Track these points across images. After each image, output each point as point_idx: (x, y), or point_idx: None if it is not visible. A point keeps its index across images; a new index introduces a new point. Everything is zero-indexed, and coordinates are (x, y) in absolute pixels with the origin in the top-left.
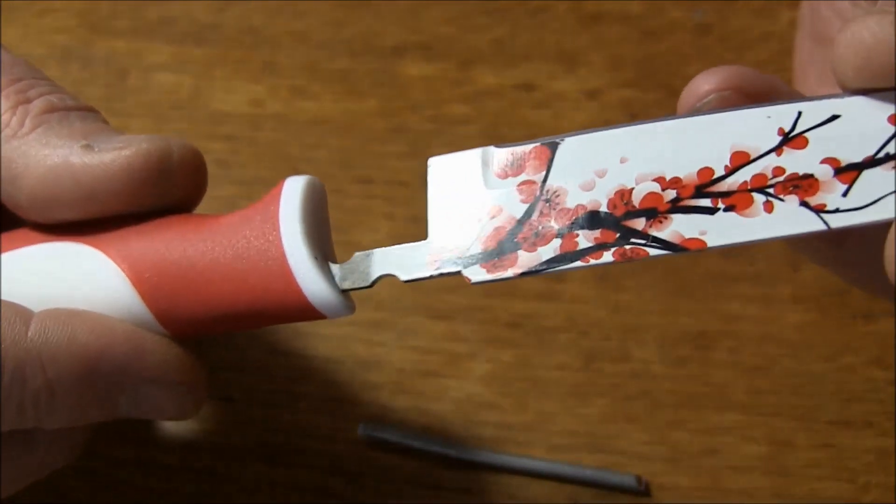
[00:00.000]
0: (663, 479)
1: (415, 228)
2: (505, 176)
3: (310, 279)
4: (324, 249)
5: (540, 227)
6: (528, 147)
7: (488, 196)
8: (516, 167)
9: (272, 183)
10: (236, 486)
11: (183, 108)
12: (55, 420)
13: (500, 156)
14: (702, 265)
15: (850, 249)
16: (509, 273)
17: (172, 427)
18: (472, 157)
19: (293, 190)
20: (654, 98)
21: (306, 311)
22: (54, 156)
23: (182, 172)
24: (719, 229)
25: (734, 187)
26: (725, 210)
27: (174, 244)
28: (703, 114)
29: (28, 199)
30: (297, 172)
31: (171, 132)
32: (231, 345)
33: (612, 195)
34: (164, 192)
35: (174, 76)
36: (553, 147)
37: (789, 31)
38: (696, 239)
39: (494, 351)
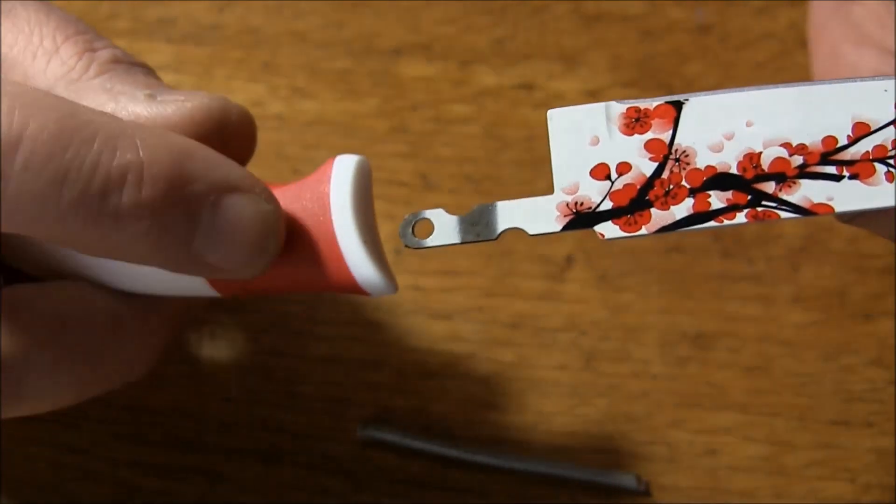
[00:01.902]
0: (663, 479)
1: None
2: (631, 133)
3: (358, 259)
4: (371, 229)
5: (671, 186)
6: (653, 104)
7: (615, 152)
8: (642, 124)
9: (272, 183)
10: (236, 486)
11: None
12: (135, 221)
13: (624, 111)
14: (702, 265)
15: None
16: (643, 230)
17: (172, 427)
18: (594, 111)
19: (344, 169)
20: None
21: (352, 288)
22: (117, 101)
23: (238, 132)
24: (845, 196)
25: (857, 157)
26: (850, 178)
27: None
28: (823, 83)
29: None
30: (297, 173)
31: None
32: (231, 345)
33: (741, 158)
34: (218, 150)
35: (174, 76)
36: (678, 106)
37: (789, 31)
38: (824, 204)
39: (494, 351)
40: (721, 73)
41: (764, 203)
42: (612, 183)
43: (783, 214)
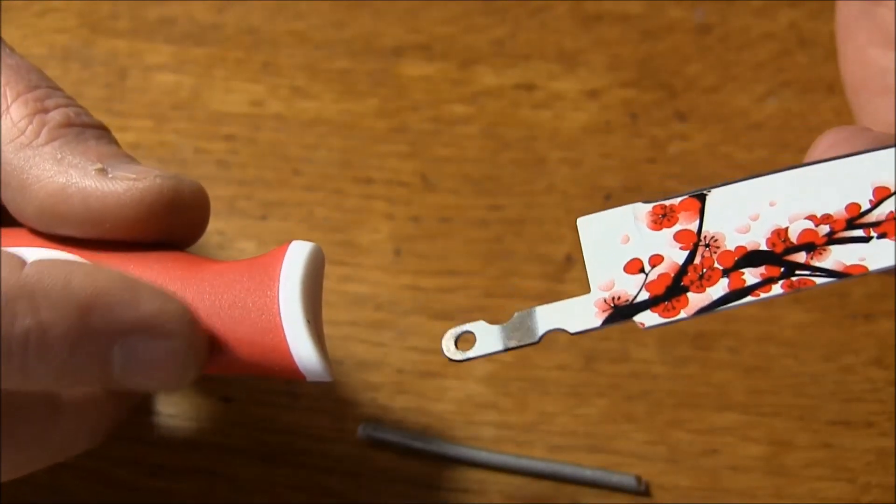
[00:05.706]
0: (663, 479)
1: (415, 228)
2: (659, 227)
3: (300, 342)
4: (316, 316)
5: (704, 270)
6: (677, 200)
7: (646, 246)
8: (669, 218)
9: (272, 183)
10: (236, 486)
11: (183, 108)
12: (45, 372)
13: (651, 210)
14: None
15: None
16: (682, 314)
17: (172, 427)
18: (622, 213)
19: (297, 254)
20: (654, 98)
21: (289, 371)
22: (68, 174)
23: (189, 211)
24: (877, 254)
25: (882, 217)
26: (879, 237)
27: (173, 279)
28: (837, 159)
29: (35, 212)
30: (297, 173)
31: (171, 132)
32: None
33: (769, 235)
34: (169, 228)
35: (174, 76)
36: (701, 198)
37: (789, 32)
38: (858, 265)
39: None
40: (721, 73)
41: (797, 272)
42: (647, 275)
43: (818, 280)
